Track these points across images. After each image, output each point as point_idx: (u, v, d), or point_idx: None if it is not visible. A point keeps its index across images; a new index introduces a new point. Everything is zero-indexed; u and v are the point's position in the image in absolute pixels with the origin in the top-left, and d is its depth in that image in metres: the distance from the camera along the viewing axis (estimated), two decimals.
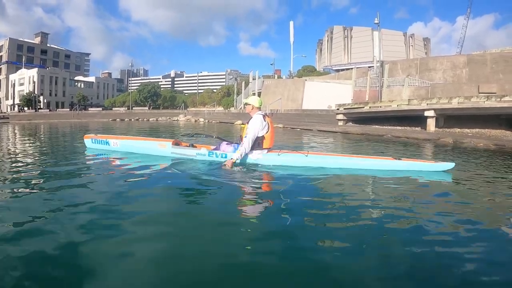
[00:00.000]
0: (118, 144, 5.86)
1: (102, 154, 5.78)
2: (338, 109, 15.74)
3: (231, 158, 4.40)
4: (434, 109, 12.55)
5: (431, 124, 12.70)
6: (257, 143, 4.53)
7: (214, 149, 4.98)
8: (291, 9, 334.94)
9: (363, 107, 14.78)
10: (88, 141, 6.29)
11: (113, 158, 5.43)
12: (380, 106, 14.55)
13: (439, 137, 10.10)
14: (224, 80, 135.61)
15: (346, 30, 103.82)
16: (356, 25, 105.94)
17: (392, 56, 61.15)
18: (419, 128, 13.34)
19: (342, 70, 62.95)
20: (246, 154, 4.53)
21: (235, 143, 4.95)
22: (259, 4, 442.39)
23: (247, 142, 4.40)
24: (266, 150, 4.62)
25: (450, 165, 4.33)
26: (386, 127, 13.96)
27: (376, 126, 14.28)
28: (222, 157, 4.74)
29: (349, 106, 15.71)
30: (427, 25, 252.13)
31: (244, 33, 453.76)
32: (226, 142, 5.08)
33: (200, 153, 4.98)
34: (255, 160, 4.59)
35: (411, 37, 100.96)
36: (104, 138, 6.09)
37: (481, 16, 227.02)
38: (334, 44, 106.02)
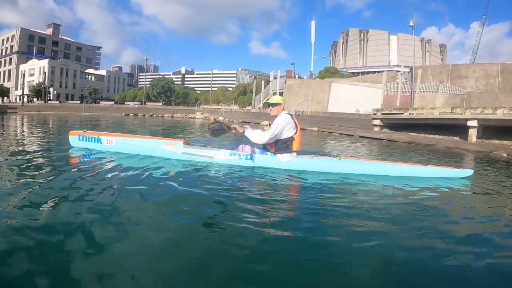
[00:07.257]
0: (113, 142, 5.00)
1: (91, 155, 4.82)
2: (375, 114, 15.38)
3: (245, 128, 4.29)
4: (478, 119, 12.05)
5: (473, 134, 12.15)
6: (286, 145, 4.30)
7: (236, 150, 4.57)
8: (304, 10, 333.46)
9: (403, 113, 14.36)
10: (73, 138, 5.32)
11: (107, 159, 4.56)
12: (421, 113, 14.05)
13: (491, 150, 9.69)
14: (235, 78, 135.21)
15: (362, 33, 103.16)
16: (370, 28, 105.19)
17: (410, 62, 60.32)
18: (457, 137, 12.83)
19: (358, 73, 62.41)
20: (276, 157, 4.35)
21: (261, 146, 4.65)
22: (272, 4, 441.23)
23: (268, 134, 4.17)
24: (295, 153, 4.41)
25: (469, 172, 4.56)
26: (437, 136, 13.48)
27: (413, 133, 13.78)
28: (246, 159, 4.36)
29: (387, 111, 15.30)
30: (441, 30, 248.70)
31: (256, 32, 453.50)
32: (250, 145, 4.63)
33: (219, 154, 4.49)
34: (286, 164, 4.33)
35: (428, 42, 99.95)
36: (95, 135, 5.19)
37: (497, 23, 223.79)
38: (349, 46, 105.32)
